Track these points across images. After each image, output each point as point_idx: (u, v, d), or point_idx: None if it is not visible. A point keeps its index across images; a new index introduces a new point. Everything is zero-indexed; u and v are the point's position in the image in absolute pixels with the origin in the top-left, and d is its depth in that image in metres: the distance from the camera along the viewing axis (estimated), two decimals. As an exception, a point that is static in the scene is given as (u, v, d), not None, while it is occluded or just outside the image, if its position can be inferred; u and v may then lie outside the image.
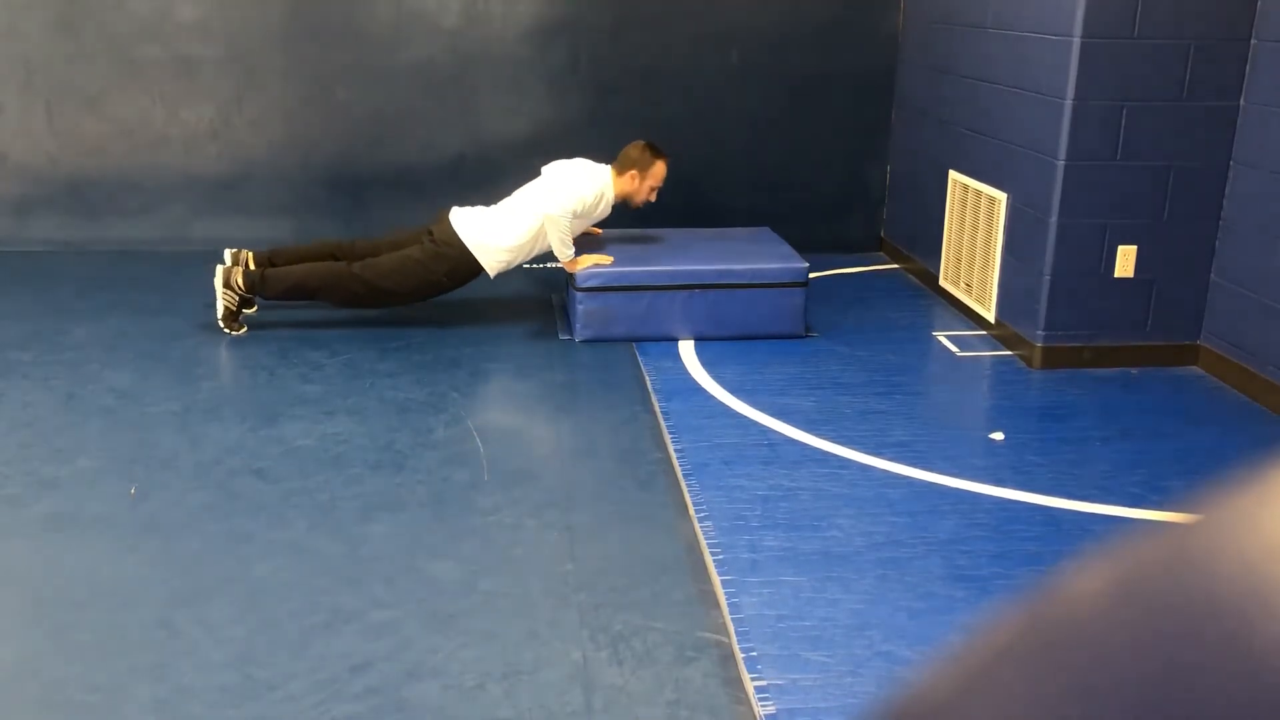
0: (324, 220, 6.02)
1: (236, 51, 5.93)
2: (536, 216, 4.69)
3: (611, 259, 4.77)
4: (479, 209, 4.83)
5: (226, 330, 4.73)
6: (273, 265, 4.84)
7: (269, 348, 4.62)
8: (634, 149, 4.89)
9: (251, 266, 4.82)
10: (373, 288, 4.72)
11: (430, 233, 4.78)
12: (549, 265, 5.67)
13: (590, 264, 4.72)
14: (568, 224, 4.65)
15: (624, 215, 5.09)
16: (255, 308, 4.98)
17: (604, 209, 4.84)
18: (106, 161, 6.02)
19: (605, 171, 4.85)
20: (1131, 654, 0.32)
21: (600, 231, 5.12)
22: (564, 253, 4.70)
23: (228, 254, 4.88)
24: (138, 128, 6.00)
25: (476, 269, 4.77)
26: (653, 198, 4.94)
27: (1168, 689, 0.30)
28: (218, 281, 4.72)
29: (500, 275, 4.87)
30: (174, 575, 2.92)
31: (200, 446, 3.69)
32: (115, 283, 5.48)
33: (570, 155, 4.97)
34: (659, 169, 4.88)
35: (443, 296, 4.97)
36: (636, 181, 4.85)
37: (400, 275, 4.73)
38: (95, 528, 3.16)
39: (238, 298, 4.72)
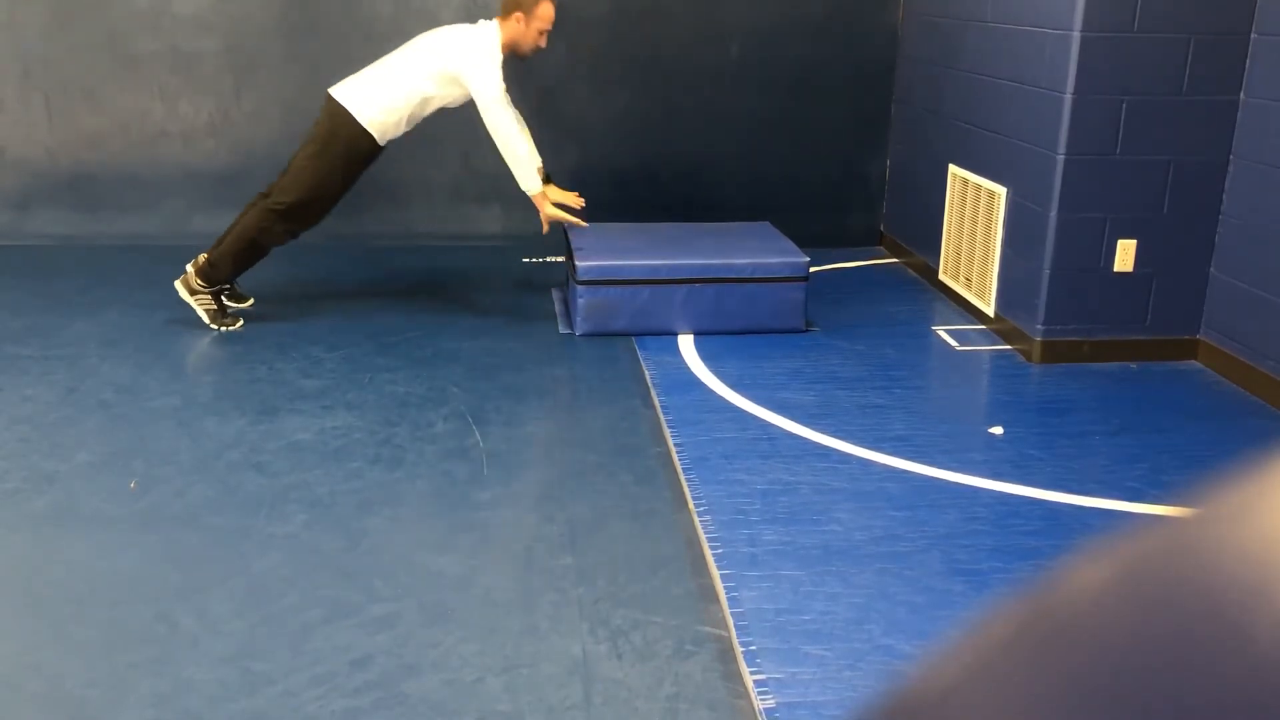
0: (323, 214, 6.00)
1: (235, 45, 5.93)
2: (422, 77, 4.56)
3: (582, 201, 4.70)
4: (355, 75, 4.70)
5: (220, 329, 4.72)
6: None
7: (268, 342, 4.62)
8: None
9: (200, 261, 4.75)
10: (291, 205, 4.65)
11: (316, 122, 4.71)
12: (548, 260, 5.67)
13: (555, 214, 4.65)
14: (503, 93, 4.47)
15: (622, 209, 5.07)
16: (250, 302, 4.97)
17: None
18: (105, 155, 6.02)
19: (487, 23, 4.63)
20: (1131, 648, 0.31)
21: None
22: (520, 157, 4.51)
23: (187, 266, 4.79)
24: (136, 122, 5.99)
25: (368, 138, 4.62)
26: (542, 43, 4.68)
27: (1167, 683, 0.30)
28: (182, 294, 4.71)
29: (391, 142, 4.71)
30: (173, 569, 2.92)
31: (199, 441, 3.69)
32: (114, 277, 5.47)
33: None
34: (545, 8, 4.58)
35: (442, 292, 4.95)
36: (523, 24, 4.60)
37: (305, 178, 4.65)
38: (94, 522, 3.16)
39: (209, 294, 4.71)
